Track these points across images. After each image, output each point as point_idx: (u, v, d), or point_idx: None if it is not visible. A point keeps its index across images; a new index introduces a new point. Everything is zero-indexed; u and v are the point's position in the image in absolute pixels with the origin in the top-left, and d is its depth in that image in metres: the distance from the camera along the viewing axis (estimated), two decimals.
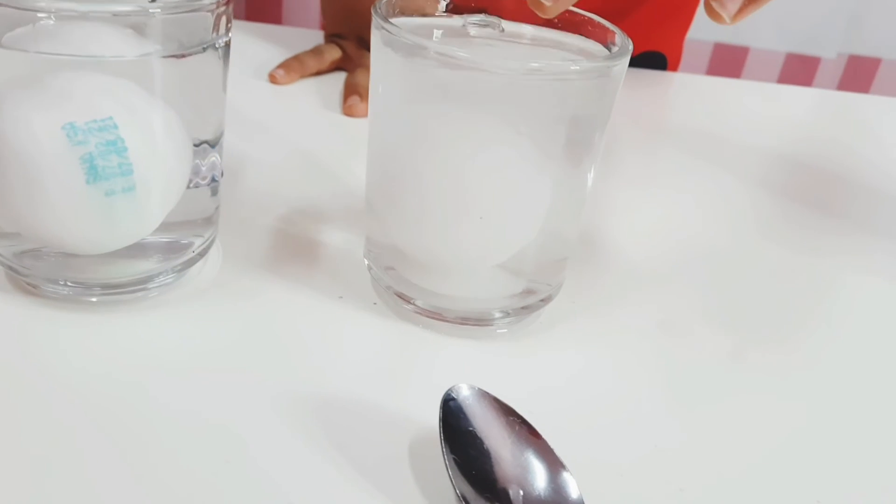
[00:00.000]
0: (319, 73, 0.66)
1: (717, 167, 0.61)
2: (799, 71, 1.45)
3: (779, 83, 1.08)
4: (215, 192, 0.40)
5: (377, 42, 0.35)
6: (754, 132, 0.69)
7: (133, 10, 0.32)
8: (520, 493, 0.29)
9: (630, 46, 0.35)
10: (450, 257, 0.37)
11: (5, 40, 0.32)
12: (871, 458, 0.36)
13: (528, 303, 0.39)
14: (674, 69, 0.83)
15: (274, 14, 0.98)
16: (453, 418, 0.31)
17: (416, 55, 0.34)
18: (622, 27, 0.37)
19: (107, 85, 0.33)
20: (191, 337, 0.37)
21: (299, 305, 0.40)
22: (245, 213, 0.46)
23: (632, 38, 0.36)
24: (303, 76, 0.65)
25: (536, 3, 0.35)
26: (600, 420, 0.36)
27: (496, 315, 0.39)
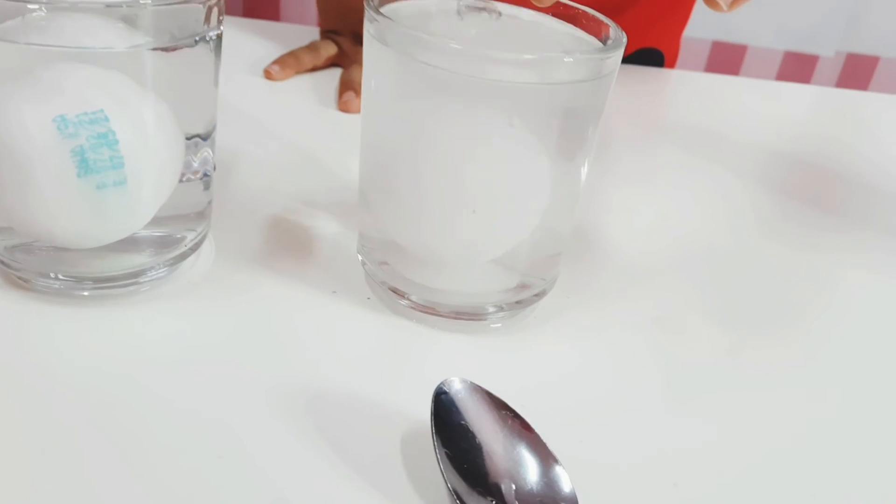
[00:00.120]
0: (315, 70, 0.66)
1: (715, 164, 0.61)
2: (797, 69, 1.45)
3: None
4: (208, 187, 0.40)
5: (369, 36, 0.35)
6: (752, 129, 0.69)
7: (125, 2, 0.32)
8: (512, 487, 0.29)
9: (624, 39, 0.35)
10: (443, 251, 0.37)
11: None
12: (870, 455, 0.36)
13: (522, 297, 0.39)
14: (671, 66, 0.83)
15: (271, 10, 0.98)
16: (445, 412, 0.31)
17: (409, 49, 0.34)
18: (619, 23, 0.37)
19: (98, 77, 0.33)
20: (183, 331, 0.37)
21: (293, 300, 0.39)
22: (238, 208, 0.46)
23: (628, 35, 0.36)
24: (298, 72, 0.65)
25: None
26: (593, 414, 0.35)
27: (490, 310, 0.39)
